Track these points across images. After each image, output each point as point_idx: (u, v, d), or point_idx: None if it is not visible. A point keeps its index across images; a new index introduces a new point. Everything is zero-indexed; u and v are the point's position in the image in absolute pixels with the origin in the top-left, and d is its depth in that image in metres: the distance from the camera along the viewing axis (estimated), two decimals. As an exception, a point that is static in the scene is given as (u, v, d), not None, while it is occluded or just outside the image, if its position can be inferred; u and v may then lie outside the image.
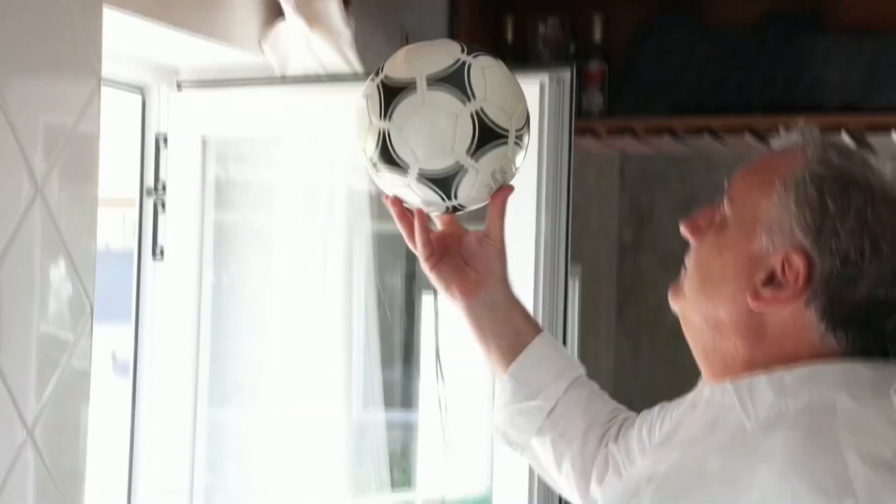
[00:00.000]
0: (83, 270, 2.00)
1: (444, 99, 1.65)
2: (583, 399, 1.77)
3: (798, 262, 1.35)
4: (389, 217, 1.78)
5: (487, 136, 1.67)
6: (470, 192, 1.69)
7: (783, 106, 3.40)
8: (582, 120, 3.36)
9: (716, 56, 3.48)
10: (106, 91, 2.10)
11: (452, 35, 3.54)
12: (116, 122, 2.71)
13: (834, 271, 1.34)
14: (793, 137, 1.44)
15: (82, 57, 2.00)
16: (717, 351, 1.43)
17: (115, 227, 4.01)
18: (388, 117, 1.66)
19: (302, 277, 2.85)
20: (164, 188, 2.78)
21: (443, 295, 1.78)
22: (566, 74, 2.58)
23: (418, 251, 1.74)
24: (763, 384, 1.36)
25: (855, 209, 1.33)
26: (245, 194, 2.98)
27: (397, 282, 3.33)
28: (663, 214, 4.76)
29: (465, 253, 1.75)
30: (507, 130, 1.68)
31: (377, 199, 3.00)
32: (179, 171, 2.78)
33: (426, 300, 3.30)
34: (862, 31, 3.41)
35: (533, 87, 2.55)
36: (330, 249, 2.88)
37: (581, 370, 1.81)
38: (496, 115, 1.67)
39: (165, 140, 2.78)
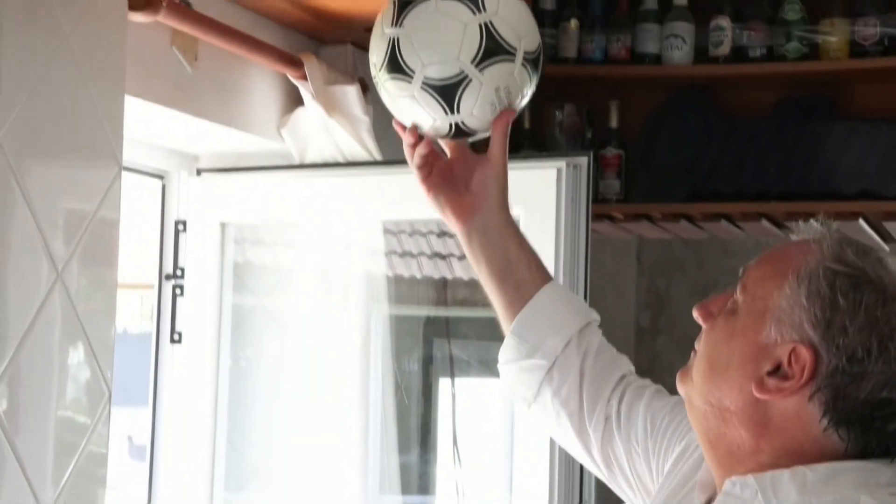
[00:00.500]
0: (101, 355, 2.01)
1: (456, 7, 1.69)
2: (581, 355, 1.76)
3: (805, 355, 1.35)
4: (407, 300, 1.79)
5: (494, 49, 1.69)
6: (472, 107, 1.71)
7: (799, 193, 3.41)
8: (599, 205, 3.38)
9: (731, 143, 3.50)
10: (127, 176, 2.12)
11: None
12: (136, 207, 2.74)
13: (839, 368, 1.33)
14: (811, 230, 1.43)
15: (104, 144, 2.02)
16: (721, 438, 1.42)
17: (132, 310, 4.03)
18: (399, 24, 1.69)
19: (319, 361, 2.85)
20: (182, 273, 2.80)
21: (441, 217, 1.80)
22: (583, 160, 2.60)
23: (414, 173, 1.78)
24: (786, 480, 1.35)
25: (865, 307, 1.33)
26: (262, 278, 2.99)
27: (414, 366, 3.33)
28: (680, 299, 4.76)
29: (468, 178, 1.78)
30: (514, 48, 1.71)
31: (394, 282, 3.02)
32: (198, 256, 2.80)
33: (443, 384, 3.29)
34: (877, 119, 3.42)
35: (550, 173, 2.57)
36: (346, 333, 2.89)
37: (584, 321, 1.78)
38: (505, 32, 1.70)
39: (185, 225, 2.80)
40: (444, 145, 1.80)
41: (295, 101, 2.78)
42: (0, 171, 1.77)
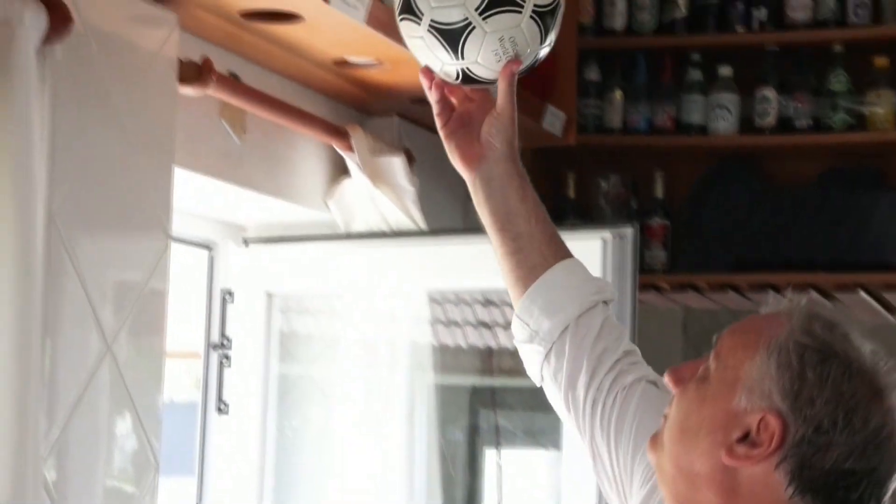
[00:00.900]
0: (149, 425, 2.02)
1: None
2: (577, 343, 1.77)
3: (773, 423, 1.39)
4: (452, 370, 1.79)
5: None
6: (476, 55, 1.73)
7: (847, 264, 3.39)
8: (645, 275, 3.36)
9: (778, 213, 3.49)
10: (174, 246, 2.14)
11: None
12: (183, 277, 2.76)
13: (806, 437, 1.38)
14: (781, 303, 1.48)
15: (153, 216, 2.04)
16: (691, 503, 1.45)
17: (179, 379, 4.04)
18: None
19: (364, 430, 2.85)
20: (229, 342, 2.81)
21: (452, 163, 1.84)
22: (629, 231, 2.60)
23: (435, 116, 1.83)
24: None
25: (832, 381, 1.38)
26: (308, 347, 3.00)
27: (460, 436, 3.31)
28: (727, 369, 4.71)
29: (481, 126, 1.82)
30: (524, 0, 1.73)
31: (440, 351, 3.02)
32: (244, 325, 2.81)
33: (489, 455, 3.27)
34: (926, 190, 3.42)
35: (595, 244, 2.57)
36: (392, 402, 2.88)
37: (588, 303, 1.79)
38: None
39: (231, 295, 2.81)
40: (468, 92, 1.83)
41: (341, 171, 2.80)
42: (52, 244, 1.79)
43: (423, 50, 1.76)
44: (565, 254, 1.82)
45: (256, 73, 2.49)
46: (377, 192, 2.76)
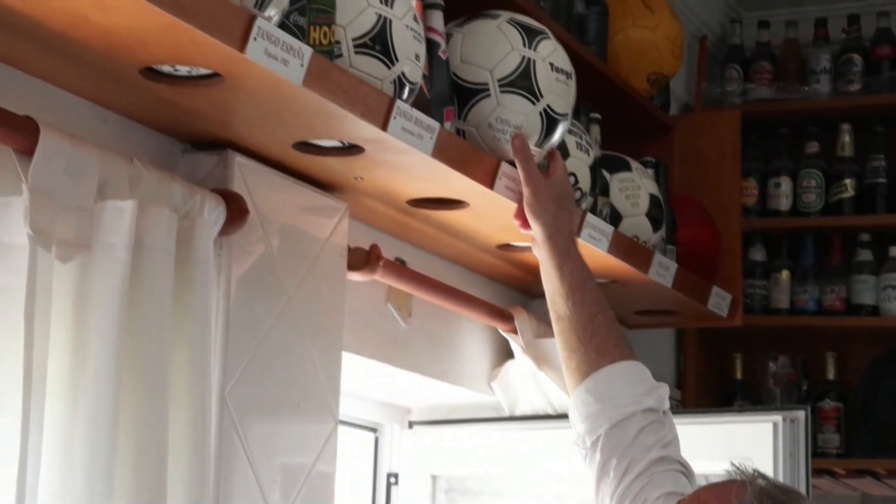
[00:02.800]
0: None
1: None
2: (605, 453, 1.90)
3: None
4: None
5: (465, 93, 1.87)
6: (487, 145, 1.90)
7: None
8: (818, 460, 3.27)
9: (958, 395, 3.38)
10: (340, 429, 2.15)
11: (680, 373, 3.54)
12: (349, 459, 2.77)
13: None
14: (740, 472, 1.57)
15: (321, 399, 2.07)
16: None
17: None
18: None
19: None
20: (394, 526, 2.80)
21: None
22: (800, 414, 2.54)
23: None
24: None
25: None
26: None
27: None
28: (911, 558, 4.51)
29: None
30: (484, 84, 1.84)
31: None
32: (410, 509, 2.80)
33: None
34: None
35: (766, 427, 2.52)
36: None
37: (617, 417, 1.90)
38: (466, 73, 1.86)
39: (396, 478, 2.81)
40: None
41: (505, 353, 2.81)
42: (224, 429, 1.82)
43: None
44: (605, 344, 1.95)
45: (422, 257, 2.53)
46: (541, 374, 2.76)
